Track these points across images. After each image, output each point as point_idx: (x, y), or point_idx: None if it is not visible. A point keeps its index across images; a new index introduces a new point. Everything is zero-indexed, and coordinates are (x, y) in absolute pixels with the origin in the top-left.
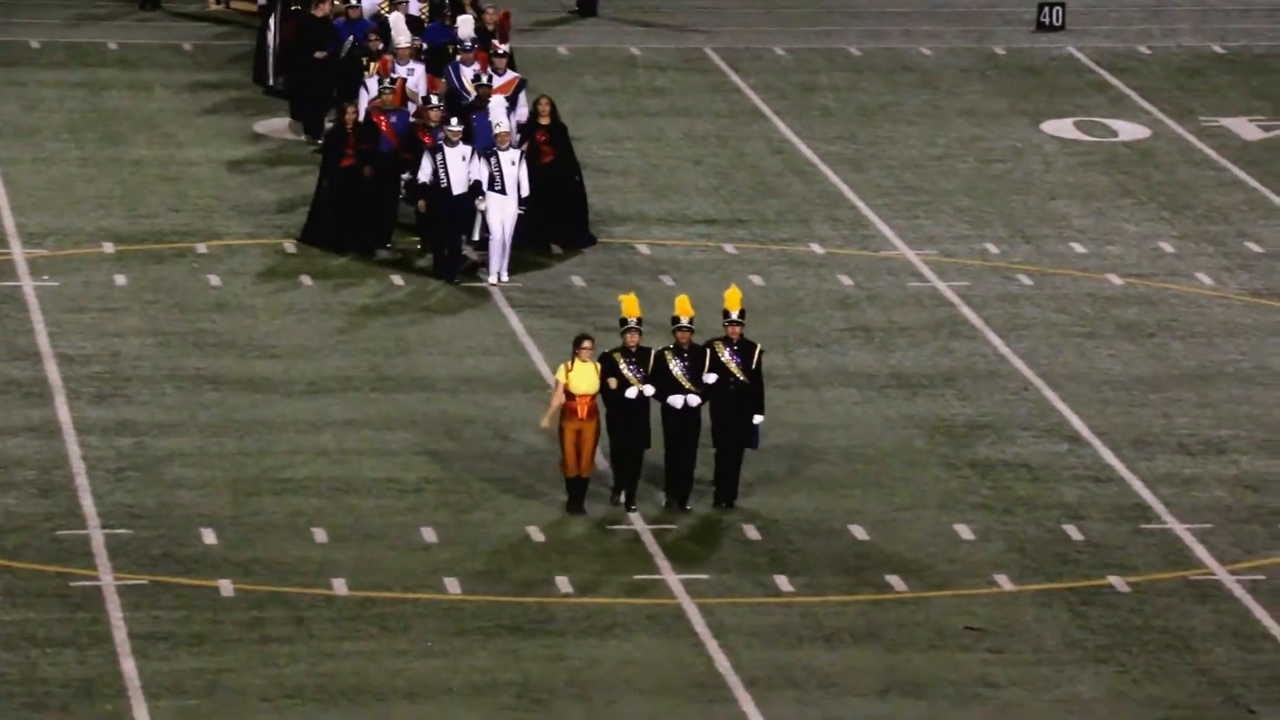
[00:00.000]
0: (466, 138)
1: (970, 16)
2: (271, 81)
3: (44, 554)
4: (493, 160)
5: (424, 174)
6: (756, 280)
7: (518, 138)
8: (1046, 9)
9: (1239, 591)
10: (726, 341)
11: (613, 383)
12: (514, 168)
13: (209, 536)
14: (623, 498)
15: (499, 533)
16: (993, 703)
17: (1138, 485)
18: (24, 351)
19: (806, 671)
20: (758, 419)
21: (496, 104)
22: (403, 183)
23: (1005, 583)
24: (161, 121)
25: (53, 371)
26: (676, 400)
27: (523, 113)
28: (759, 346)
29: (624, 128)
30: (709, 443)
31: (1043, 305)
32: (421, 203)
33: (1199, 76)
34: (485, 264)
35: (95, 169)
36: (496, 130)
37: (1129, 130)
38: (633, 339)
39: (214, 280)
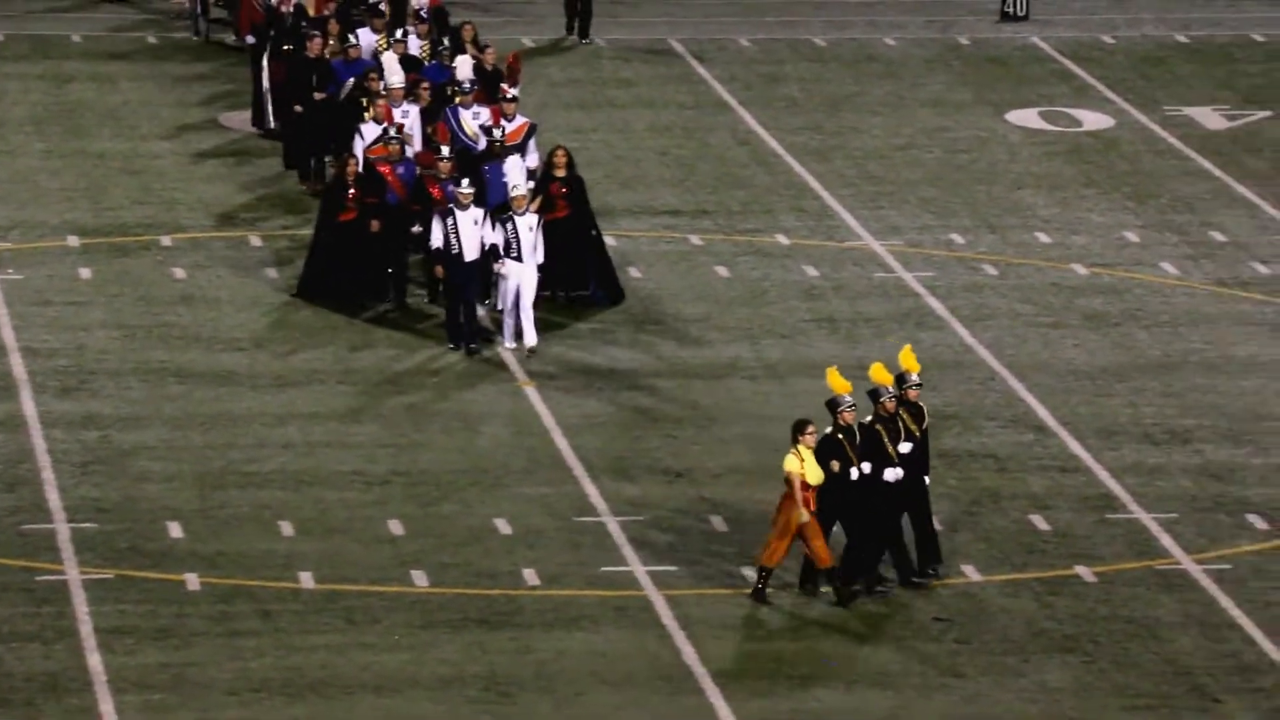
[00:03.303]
0: (478, 200)
1: (934, 6)
2: (271, 124)
3: (9, 548)
4: (509, 225)
5: (435, 239)
6: (722, 271)
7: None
8: None
9: (1204, 581)
10: (904, 405)
11: (835, 465)
12: (532, 233)
13: (175, 530)
14: (863, 586)
15: (466, 525)
16: (959, 693)
17: (1103, 475)
18: None
19: (774, 663)
20: (926, 480)
21: (513, 164)
22: (412, 236)
23: (972, 573)
24: (125, 114)
25: (18, 365)
26: (891, 474)
27: (533, 159)
28: (925, 407)
29: (589, 119)
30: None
31: (1008, 295)
32: (439, 268)
33: (1163, 66)
34: (500, 329)
35: (59, 162)
36: (513, 194)
37: (1093, 120)
38: (850, 416)
39: (179, 273)
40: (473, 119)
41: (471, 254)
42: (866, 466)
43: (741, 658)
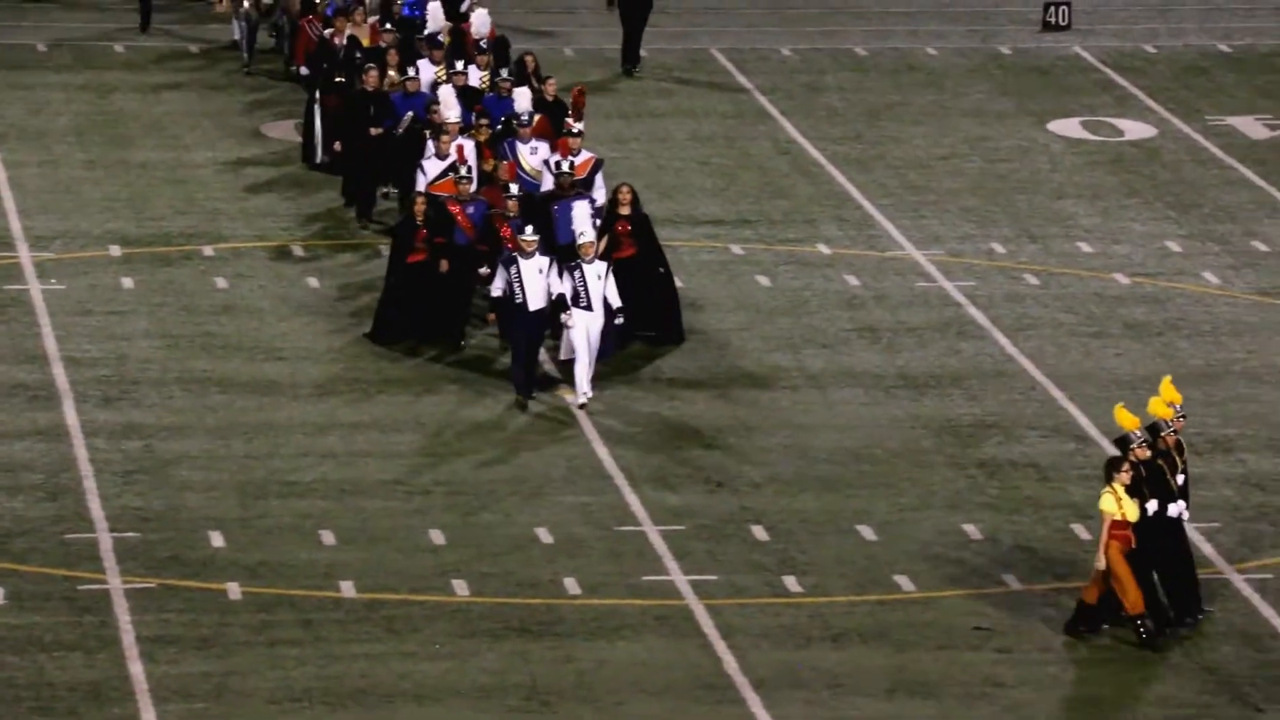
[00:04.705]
0: (546, 244)
1: (976, 16)
2: (318, 159)
3: (51, 558)
4: (576, 274)
5: (498, 287)
6: (763, 281)
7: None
8: (1052, 8)
9: (1246, 590)
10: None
11: (1138, 503)
12: (600, 281)
13: (217, 539)
14: (1147, 627)
15: (506, 534)
16: (1001, 702)
17: None
18: (31, 355)
19: (814, 672)
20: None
21: (581, 210)
22: (481, 276)
23: (1013, 582)
24: (168, 124)
25: (60, 375)
26: (1175, 509)
27: (600, 195)
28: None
29: (630, 129)
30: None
31: (1049, 305)
32: (491, 316)
33: (1205, 75)
34: (569, 381)
35: (102, 172)
36: (580, 241)
37: (1135, 129)
38: (1143, 452)
39: (221, 283)
40: (531, 154)
41: (536, 302)
42: (1154, 504)
43: (781, 666)
